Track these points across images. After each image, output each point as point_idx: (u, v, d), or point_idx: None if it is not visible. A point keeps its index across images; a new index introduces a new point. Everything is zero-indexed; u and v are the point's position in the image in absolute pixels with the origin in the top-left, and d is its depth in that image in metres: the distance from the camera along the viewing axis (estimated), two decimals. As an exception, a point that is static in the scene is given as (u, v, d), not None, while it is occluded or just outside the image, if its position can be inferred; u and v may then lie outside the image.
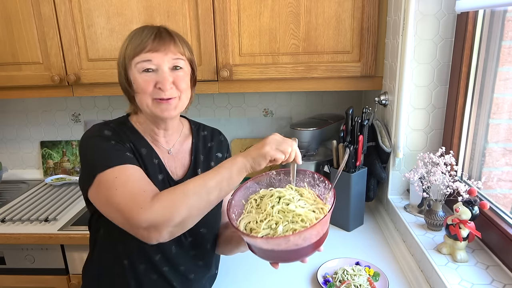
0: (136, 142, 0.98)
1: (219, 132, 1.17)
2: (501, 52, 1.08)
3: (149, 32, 0.93)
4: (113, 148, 0.91)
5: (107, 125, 0.97)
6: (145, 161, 0.97)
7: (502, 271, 0.97)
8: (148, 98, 0.94)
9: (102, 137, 0.92)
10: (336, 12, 1.38)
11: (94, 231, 1.03)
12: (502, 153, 1.14)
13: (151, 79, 0.93)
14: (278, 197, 0.83)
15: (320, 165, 1.47)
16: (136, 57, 0.92)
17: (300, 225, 0.76)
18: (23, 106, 1.96)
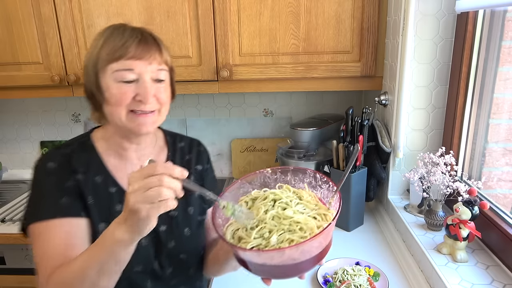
0: (91, 167, 0.87)
1: (198, 143, 1.06)
2: (501, 52, 1.08)
3: (132, 35, 0.81)
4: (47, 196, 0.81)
5: (56, 152, 0.87)
6: (96, 192, 0.85)
7: (502, 271, 0.97)
8: (122, 111, 0.82)
9: (43, 174, 0.83)
10: (336, 12, 1.38)
11: None
12: (502, 153, 1.14)
13: (130, 90, 0.80)
14: (273, 199, 0.70)
15: (320, 165, 1.47)
16: (114, 62, 0.79)
17: (299, 234, 0.63)
18: (23, 106, 1.96)
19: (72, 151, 0.88)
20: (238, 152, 1.91)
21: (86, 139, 0.92)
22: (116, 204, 0.87)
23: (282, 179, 0.78)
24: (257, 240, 0.64)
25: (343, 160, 1.34)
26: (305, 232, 0.64)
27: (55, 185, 0.82)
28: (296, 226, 0.65)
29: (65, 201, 0.82)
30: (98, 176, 0.87)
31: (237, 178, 1.91)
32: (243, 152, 1.91)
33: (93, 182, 0.86)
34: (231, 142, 1.91)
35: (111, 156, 0.90)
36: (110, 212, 0.85)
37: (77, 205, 0.83)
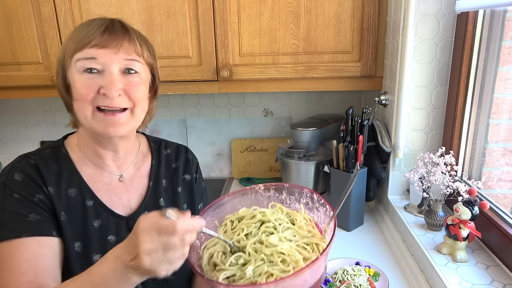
0: (63, 179, 0.78)
1: (185, 149, 0.98)
2: (501, 52, 1.08)
3: (98, 24, 0.74)
4: (12, 209, 0.72)
5: (26, 160, 0.77)
6: (69, 207, 0.76)
7: (502, 271, 0.97)
8: (87, 107, 0.73)
9: (7, 188, 0.73)
10: (336, 12, 1.38)
11: None
12: (502, 153, 1.14)
13: (94, 82, 0.72)
14: (260, 221, 0.61)
15: (320, 165, 1.47)
16: (77, 52, 0.72)
17: (279, 268, 0.54)
18: (23, 106, 1.96)
19: (43, 160, 0.78)
20: (238, 152, 1.91)
21: (58, 146, 0.82)
22: (93, 220, 0.78)
23: (276, 198, 0.70)
24: (232, 269, 0.55)
25: (343, 160, 1.34)
26: (288, 265, 0.54)
27: (21, 199, 0.72)
28: (278, 258, 0.55)
29: (33, 217, 0.72)
30: (72, 189, 0.78)
31: (237, 178, 1.91)
32: (243, 152, 1.91)
33: (66, 195, 0.77)
34: (231, 142, 1.91)
35: (86, 166, 0.81)
36: (85, 229, 0.77)
37: (47, 222, 0.74)
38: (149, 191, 0.86)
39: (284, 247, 0.56)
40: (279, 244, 0.56)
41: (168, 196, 0.88)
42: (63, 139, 0.85)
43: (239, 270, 0.55)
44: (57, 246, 0.74)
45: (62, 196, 0.76)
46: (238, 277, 0.55)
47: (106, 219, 0.79)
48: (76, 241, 0.76)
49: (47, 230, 0.73)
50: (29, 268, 0.68)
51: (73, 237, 0.76)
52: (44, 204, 0.74)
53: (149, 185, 0.87)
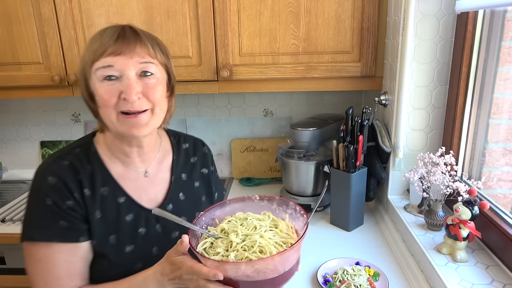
0: (97, 180, 0.83)
1: (202, 143, 1.04)
2: (501, 52, 1.08)
3: (111, 32, 0.78)
4: (45, 214, 0.77)
5: (60, 162, 0.82)
6: (104, 205, 0.82)
7: (502, 271, 0.97)
8: (112, 113, 0.78)
9: (41, 191, 0.78)
10: (336, 12, 1.38)
11: None
12: (502, 153, 1.14)
13: (114, 88, 0.77)
14: (252, 226, 0.76)
15: (320, 165, 1.47)
16: (95, 62, 0.77)
17: (257, 255, 0.68)
18: (23, 106, 1.96)
19: (77, 159, 0.83)
20: (238, 152, 1.91)
21: (88, 145, 0.87)
22: (125, 215, 0.84)
23: (268, 207, 0.83)
24: (218, 256, 0.70)
25: (343, 160, 1.34)
26: (264, 255, 0.68)
27: (53, 205, 0.77)
28: (257, 249, 0.70)
29: (63, 224, 0.77)
30: (105, 188, 0.83)
31: (237, 178, 1.91)
32: (243, 152, 1.91)
33: (100, 194, 0.82)
34: (231, 142, 1.91)
35: (115, 164, 0.87)
36: (119, 223, 0.83)
37: (76, 228, 0.79)
38: (172, 185, 0.92)
39: (263, 242, 0.70)
40: (259, 240, 0.71)
41: (187, 190, 0.94)
42: (92, 136, 0.89)
43: (223, 257, 0.70)
44: (84, 250, 0.81)
45: (96, 195, 0.82)
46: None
47: (137, 213, 0.85)
48: (111, 234, 0.82)
49: (75, 237, 0.79)
50: (64, 273, 0.77)
51: (108, 231, 0.82)
52: (73, 210, 0.79)
53: (171, 179, 0.93)
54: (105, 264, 0.82)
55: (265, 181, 1.88)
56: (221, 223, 0.78)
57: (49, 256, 0.77)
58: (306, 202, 1.52)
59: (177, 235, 0.89)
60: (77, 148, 0.86)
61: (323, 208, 1.54)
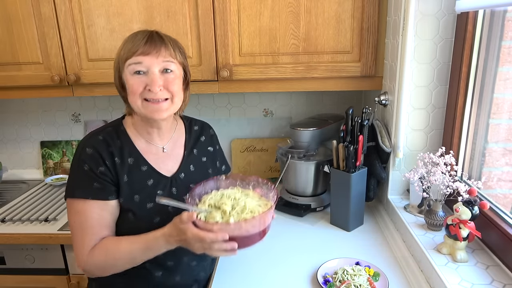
0: (125, 152, 1.03)
1: (208, 126, 1.25)
2: (501, 52, 1.08)
3: (142, 35, 0.98)
4: (83, 177, 0.99)
5: (96, 137, 1.02)
6: (130, 171, 1.03)
7: (502, 271, 0.97)
8: (138, 99, 0.99)
9: (80, 159, 0.99)
10: (336, 12, 1.38)
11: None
12: (502, 153, 1.14)
13: (141, 81, 0.97)
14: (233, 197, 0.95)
15: (320, 165, 1.47)
16: (128, 59, 0.97)
17: (250, 215, 0.90)
18: (23, 106, 1.96)
19: (109, 136, 1.03)
20: (238, 152, 1.91)
21: (118, 125, 1.07)
22: (147, 180, 1.05)
23: (232, 184, 1.03)
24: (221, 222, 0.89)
25: (343, 160, 1.34)
26: (254, 214, 0.90)
27: (89, 171, 0.98)
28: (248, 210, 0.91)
29: (96, 186, 0.98)
30: (131, 158, 1.04)
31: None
32: (243, 152, 1.91)
33: (127, 163, 1.03)
34: (231, 142, 1.91)
35: (139, 141, 1.07)
36: (142, 186, 1.03)
37: (106, 189, 0.99)
38: (184, 159, 1.13)
39: (251, 205, 0.92)
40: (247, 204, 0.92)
41: (196, 163, 1.15)
42: (122, 119, 1.10)
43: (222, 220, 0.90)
44: (112, 207, 1.01)
45: (125, 164, 1.02)
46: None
47: (157, 179, 1.06)
48: (135, 194, 1.02)
49: (106, 196, 0.99)
50: (95, 223, 0.98)
51: (133, 191, 1.02)
52: (105, 174, 0.99)
53: (184, 154, 1.14)
54: (131, 217, 1.01)
55: (265, 181, 1.88)
56: (205, 201, 0.96)
57: (85, 210, 0.98)
58: (306, 202, 1.52)
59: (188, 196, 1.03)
60: (110, 127, 1.07)
61: (323, 208, 1.54)
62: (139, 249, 0.96)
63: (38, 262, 1.50)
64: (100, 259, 0.97)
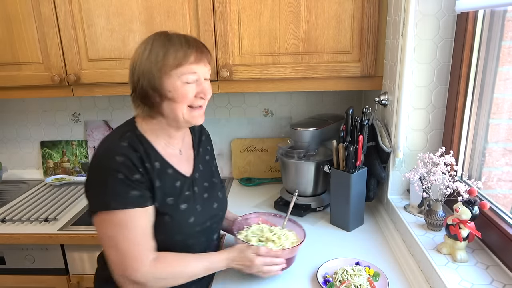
0: (152, 156, 1.00)
1: (203, 127, 1.26)
2: (501, 52, 1.08)
3: (190, 44, 0.97)
4: (118, 186, 0.92)
5: (120, 143, 0.96)
6: (160, 176, 1.00)
7: (502, 271, 0.97)
8: (185, 107, 0.98)
9: (111, 169, 0.92)
10: (336, 12, 1.38)
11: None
12: (502, 153, 1.14)
13: (192, 89, 0.98)
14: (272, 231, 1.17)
15: (320, 165, 1.47)
16: (180, 67, 0.94)
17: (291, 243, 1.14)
18: (23, 106, 1.96)
19: (132, 141, 0.98)
20: (238, 152, 1.91)
21: (133, 130, 1.02)
22: (175, 182, 1.04)
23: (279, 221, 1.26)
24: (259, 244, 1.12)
25: (343, 160, 1.34)
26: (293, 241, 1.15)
27: (125, 179, 0.92)
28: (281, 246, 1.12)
29: (134, 194, 0.93)
30: (157, 163, 1.01)
31: (237, 178, 1.92)
32: (243, 152, 1.91)
33: (155, 167, 1.00)
34: (231, 142, 1.91)
35: (159, 145, 1.04)
36: (172, 188, 1.02)
37: (144, 195, 0.96)
38: (195, 159, 1.14)
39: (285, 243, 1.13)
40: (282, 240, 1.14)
41: (203, 162, 1.17)
42: (134, 125, 1.03)
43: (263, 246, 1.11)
44: (150, 214, 0.98)
45: (154, 168, 0.99)
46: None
47: (182, 180, 1.06)
48: (168, 197, 1.01)
49: (144, 203, 0.95)
50: (140, 234, 0.94)
51: (166, 195, 1.01)
52: (141, 182, 0.95)
53: (194, 155, 1.15)
54: (167, 220, 0.99)
55: (265, 181, 1.88)
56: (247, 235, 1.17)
57: (127, 221, 0.92)
58: (306, 202, 1.52)
59: (207, 196, 1.11)
60: (127, 132, 1.00)
61: (323, 208, 1.54)
62: (203, 267, 1.01)
63: (38, 262, 1.50)
64: (165, 271, 0.96)
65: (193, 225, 1.03)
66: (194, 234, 1.05)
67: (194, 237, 1.05)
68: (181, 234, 1.01)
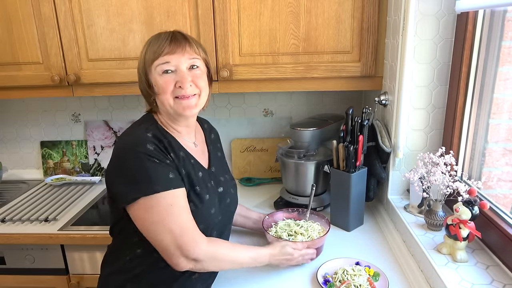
0: (175, 147, 1.02)
1: (212, 126, 1.29)
2: (501, 52, 1.08)
3: (165, 36, 1.00)
4: (157, 170, 0.93)
5: (146, 134, 0.98)
6: (185, 165, 1.02)
7: (502, 271, 0.97)
8: (169, 98, 1.00)
9: (146, 154, 0.93)
10: (336, 12, 1.38)
11: (124, 238, 1.05)
12: (502, 153, 1.14)
13: (171, 79, 0.99)
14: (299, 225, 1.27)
15: (320, 165, 1.47)
16: (155, 60, 0.98)
17: (311, 237, 1.21)
18: (23, 106, 1.96)
19: (157, 132, 1.00)
20: (238, 152, 1.91)
21: (157, 126, 1.04)
22: (198, 172, 1.05)
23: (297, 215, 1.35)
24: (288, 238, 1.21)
25: (343, 160, 1.34)
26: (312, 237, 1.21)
27: (161, 162, 0.95)
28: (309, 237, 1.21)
29: (172, 175, 0.96)
30: (181, 152, 1.03)
31: (237, 178, 1.92)
32: (243, 152, 1.91)
33: (181, 157, 1.02)
34: (231, 142, 1.91)
35: (178, 137, 1.06)
36: (196, 178, 1.03)
37: (179, 177, 0.98)
38: (210, 154, 1.16)
39: (313, 233, 1.22)
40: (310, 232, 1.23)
41: (216, 158, 1.19)
42: (152, 116, 1.07)
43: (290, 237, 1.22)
44: (186, 196, 0.99)
45: (179, 157, 1.01)
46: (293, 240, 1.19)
47: (203, 171, 1.08)
48: (194, 186, 1.02)
49: (181, 184, 0.98)
50: (187, 211, 0.97)
51: (192, 184, 1.02)
52: (173, 166, 0.98)
53: (208, 149, 1.17)
54: (192, 207, 0.99)
55: (265, 181, 1.88)
56: (277, 231, 1.25)
57: (174, 202, 0.94)
58: (306, 202, 1.51)
59: (222, 190, 1.12)
60: (150, 124, 1.03)
61: (323, 208, 1.54)
62: (250, 258, 1.06)
63: (38, 262, 1.50)
64: (220, 253, 1.01)
65: (214, 216, 1.05)
66: (214, 226, 1.07)
67: (212, 228, 1.06)
68: (204, 223, 1.01)
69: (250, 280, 1.12)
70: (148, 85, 1.02)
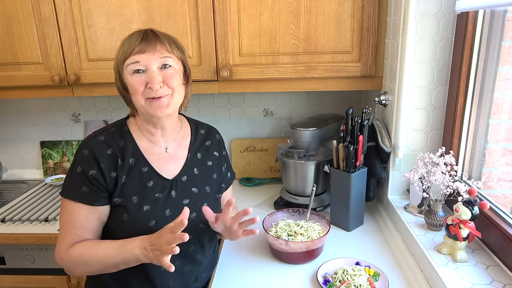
0: (128, 152, 1.02)
1: (216, 131, 1.22)
2: (501, 52, 1.08)
3: (137, 35, 0.98)
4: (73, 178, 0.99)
5: (97, 137, 1.01)
6: (130, 172, 1.01)
7: (502, 271, 0.97)
8: (141, 99, 0.98)
9: (77, 160, 1.00)
10: (336, 12, 1.38)
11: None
12: (502, 153, 1.14)
13: (142, 79, 0.96)
14: (299, 225, 1.26)
15: (320, 165, 1.47)
16: (126, 60, 0.96)
17: (310, 237, 1.20)
18: (23, 106, 1.96)
19: (111, 136, 1.02)
20: (238, 152, 1.91)
21: (122, 125, 1.06)
22: (147, 181, 1.02)
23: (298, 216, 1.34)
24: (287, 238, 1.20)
25: (343, 160, 1.34)
26: (307, 239, 1.19)
27: (81, 173, 0.98)
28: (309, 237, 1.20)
29: (84, 190, 0.98)
30: (132, 158, 1.02)
31: (237, 178, 1.91)
32: (243, 152, 1.91)
33: (128, 163, 1.01)
34: (231, 142, 1.91)
35: (142, 141, 1.06)
36: (141, 187, 1.01)
37: (94, 194, 0.98)
38: (187, 161, 1.11)
39: (313, 234, 1.21)
40: (310, 232, 1.22)
41: (201, 166, 1.13)
42: (126, 119, 1.09)
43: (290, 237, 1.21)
44: (100, 213, 1.00)
45: (125, 164, 1.00)
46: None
47: (157, 181, 1.04)
48: (134, 195, 1.00)
49: (92, 201, 0.98)
50: (79, 225, 0.98)
51: (132, 192, 1.01)
52: (95, 179, 0.98)
53: (187, 156, 1.11)
54: (125, 218, 0.99)
55: (265, 181, 1.88)
56: (276, 228, 1.25)
57: (73, 210, 0.98)
58: (306, 202, 1.51)
59: (187, 202, 1.06)
60: (113, 127, 1.06)
61: (323, 208, 1.54)
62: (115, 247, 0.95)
63: (38, 262, 1.50)
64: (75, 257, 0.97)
65: (153, 229, 0.95)
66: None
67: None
68: (136, 235, 0.95)
69: (250, 280, 1.12)
70: (123, 86, 1.01)
